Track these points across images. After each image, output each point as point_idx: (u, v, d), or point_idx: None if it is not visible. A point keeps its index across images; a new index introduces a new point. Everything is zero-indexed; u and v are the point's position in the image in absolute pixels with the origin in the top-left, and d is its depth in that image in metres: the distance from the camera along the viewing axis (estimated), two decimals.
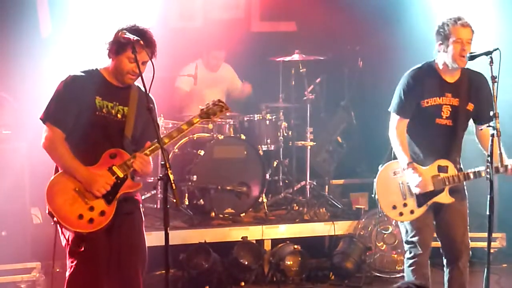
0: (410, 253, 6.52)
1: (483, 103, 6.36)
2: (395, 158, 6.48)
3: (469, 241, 6.57)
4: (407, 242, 6.55)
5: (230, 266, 8.24)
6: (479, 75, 6.43)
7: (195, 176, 8.70)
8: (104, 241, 5.39)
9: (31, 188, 7.88)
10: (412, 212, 6.40)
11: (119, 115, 5.48)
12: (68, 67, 5.50)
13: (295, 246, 8.42)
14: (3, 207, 7.70)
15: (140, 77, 5.28)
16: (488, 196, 5.86)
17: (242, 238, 8.40)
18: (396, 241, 8.63)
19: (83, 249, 5.31)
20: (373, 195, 6.67)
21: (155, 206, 8.82)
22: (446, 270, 6.56)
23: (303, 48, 9.62)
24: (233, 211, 8.86)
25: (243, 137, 9.07)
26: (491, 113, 5.82)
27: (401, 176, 6.41)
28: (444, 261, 6.58)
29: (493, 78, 5.94)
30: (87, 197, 5.28)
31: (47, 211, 5.33)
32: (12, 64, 8.56)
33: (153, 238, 7.08)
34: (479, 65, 6.26)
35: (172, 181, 4.93)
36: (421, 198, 6.37)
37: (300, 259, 8.43)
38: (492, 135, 5.88)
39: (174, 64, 9.58)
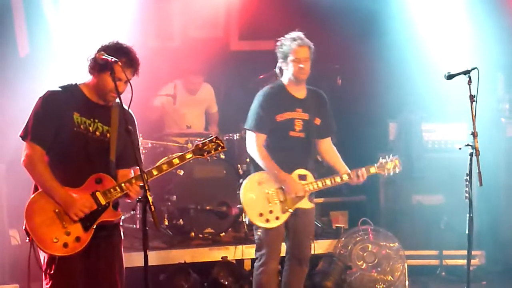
0: (260, 260, 6.91)
1: (327, 117, 7.11)
2: (256, 171, 6.92)
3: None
4: (259, 249, 6.91)
5: (210, 287, 8.19)
6: (320, 92, 7.19)
7: (174, 196, 8.68)
8: (80, 264, 5.32)
9: (9, 209, 7.82)
10: (277, 218, 6.80)
11: (97, 133, 5.41)
12: (47, 86, 5.44)
13: None
14: None
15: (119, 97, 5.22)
16: (468, 215, 5.89)
17: (222, 258, 8.38)
18: (376, 260, 8.62)
19: (52, 271, 5.26)
20: (238, 206, 7.16)
21: (135, 226, 8.74)
22: (287, 267, 7.12)
23: None
24: (213, 231, 8.81)
25: (222, 156, 9.03)
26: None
27: (266, 185, 6.82)
28: (287, 260, 7.10)
29: (471, 97, 5.98)
30: (65, 220, 5.21)
31: (23, 227, 5.25)
32: None
33: (132, 259, 7.05)
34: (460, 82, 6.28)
35: (151, 203, 4.90)
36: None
37: (280, 278, 8.37)
38: (471, 154, 5.93)
39: (153, 84, 9.52)
